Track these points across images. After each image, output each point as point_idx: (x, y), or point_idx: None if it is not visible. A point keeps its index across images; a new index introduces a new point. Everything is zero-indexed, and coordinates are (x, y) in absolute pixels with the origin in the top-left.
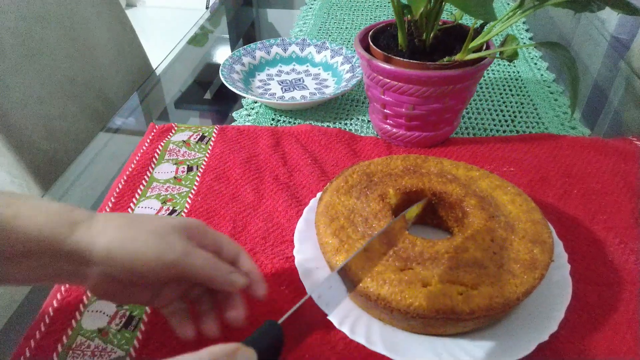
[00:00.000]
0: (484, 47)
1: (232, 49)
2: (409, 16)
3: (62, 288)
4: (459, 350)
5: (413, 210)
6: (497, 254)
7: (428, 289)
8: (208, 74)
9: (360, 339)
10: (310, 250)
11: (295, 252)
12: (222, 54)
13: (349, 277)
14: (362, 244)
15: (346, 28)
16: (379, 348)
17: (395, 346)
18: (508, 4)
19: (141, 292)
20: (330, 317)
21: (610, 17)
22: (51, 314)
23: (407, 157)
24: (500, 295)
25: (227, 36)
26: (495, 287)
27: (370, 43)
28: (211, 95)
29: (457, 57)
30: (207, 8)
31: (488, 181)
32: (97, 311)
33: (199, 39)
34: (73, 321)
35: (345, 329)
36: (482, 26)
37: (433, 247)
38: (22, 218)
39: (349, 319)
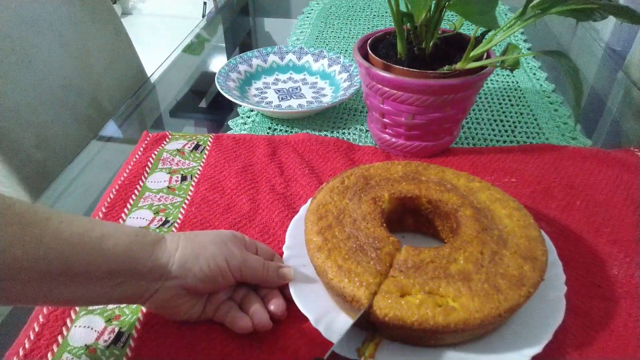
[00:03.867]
0: (485, 56)
1: (229, 57)
2: (408, 25)
3: None
4: None
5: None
6: (485, 267)
7: (406, 299)
8: (204, 83)
9: (334, 338)
10: (299, 247)
11: (284, 248)
12: (218, 62)
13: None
14: (347, 244)
15: (343, 37)
16: (350, 353)
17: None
18: (506, 14)
19: (198, 302)
20: (306, 314)
21: (605, 28)
22: (36, 329)
23: (409, 163)
24: (481, 311)
25: (224, 45)
26: (476, 302)
27: (369, 51)
28: (206, 104)
29: (458, 65)
30: (203, 16)
31: (488, 193)
32: (84, 326)
33: (195, 47)
34: (59, 337)
35: (320, 328)
36: (482, 35)
37: (418, 255)
38: (109, 238)
39: (326, 318)
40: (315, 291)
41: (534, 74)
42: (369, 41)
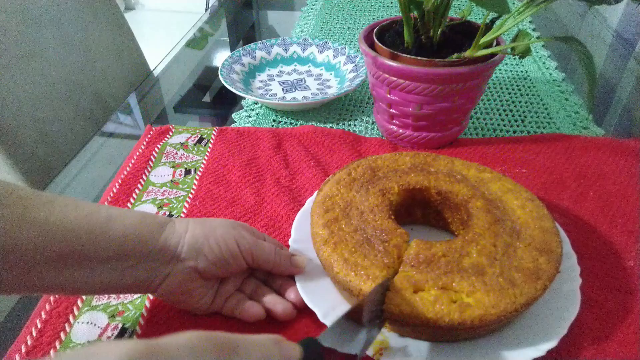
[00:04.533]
0: (494, 44)
1: (232, 51)
2: (415, 12)
3: (51, 298)
4: (447, 357)
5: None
6: (499, 260)
7: (420, 295)
8: (207, 77)
9: None
10: (305, 241)
11: (290, 242)
12: (221, 56)
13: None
14: (353, 237)
15: (348, 28)
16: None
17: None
18: (514, 3)
19: (209, 291)
20: (314, 308)
21: (613, 15)
22: (39, 326)
23: (418, 154)
24: (497, 306)
25: (227, 39)
26: (492, 297)
27: (376, 40)
28: (210, 98)
29: (467, 53)
30: (206, 10)
31: (500, 184)
32: (87, 323)
33: (198, 41)
34: (62, 334)
35: (327, 322)
36: (492, 22)
37: (430, 249)
38: (115, 220)
39: (334, 313)
40: (322, 285)
41: (544, 63)
42: (375, 30)
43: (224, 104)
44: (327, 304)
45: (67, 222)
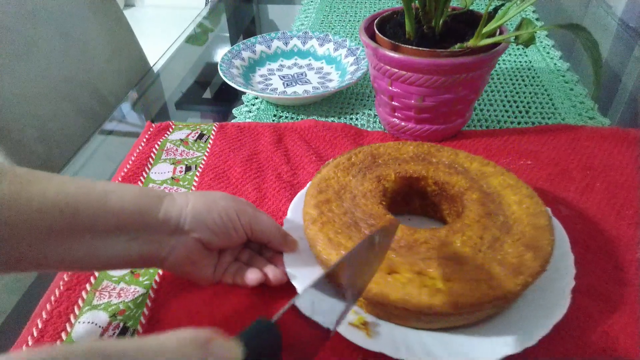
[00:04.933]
0: (497, 33)
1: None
2: (416, 2)
3: (52, 297)
4: (415, 343)
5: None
6: (483, 252)
7: (393, 277)
8: (208, 72)
9: None
10: (298, 221)
11: (284, 220)
12: (222, 52)
13: (335, 280)
14: (342, 219)
15: (349, 21)
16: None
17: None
18: None
19: (210, 262)
20: (296, 285)
21: (618, 3)
22: (40, 326)
23: (422, 144)
24: (469, 296)
25: (227, 34)
26: (466, 286)
27: (376, 31)
28: (211, 94)
29: (470, 43)
30: (206, 4)
31: (501, 179)
32: (88, 322)
33: (198, 37)
34: (63, 334)
35: None
36: (494, 11)
37: (413, 235)
38: (114, 193)
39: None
40: (306, 263)
41: (548, 52)
42: (375, 21)
43: (225, 99)
44: (308, 281)
45: (66, 194)
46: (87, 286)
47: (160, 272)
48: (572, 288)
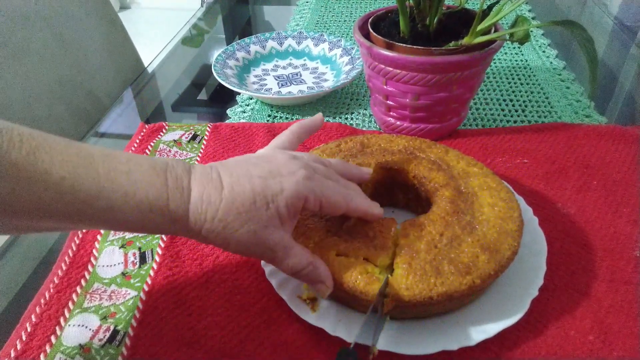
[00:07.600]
0: (492, 31)
1: None
2: (411, 1)
3: (42, 300)
4: (356, 325)
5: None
6: (438, 248)
7: (339, 259)
8: (203, 74)
9: (285, 295)
10: None
11: None
12: (217, 53)
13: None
14: None
15: (344, 21)
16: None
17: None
18: None
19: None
20: (263, 266)
21: (613, 1)
22: (29, 329)
23: (415, 139)
24: (410, 289)
25: (223, 36)
26: (409, 279)
27: (371, 30)
28: (207, 95)
29: (465, 41)
30: (202, 5)
31: (482, 180)
32: (79, 325)
33: (193, 38)
34: (53, 337)
35: (273, 281)
36: (489, 8)
37: (370, 222)
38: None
39: (280, 274)
40: None
41: (544, 51)
42: (370, 20)
43: (220, 100)
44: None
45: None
46: (78, 289)
47: (152, 274)
48: (534, 298)
